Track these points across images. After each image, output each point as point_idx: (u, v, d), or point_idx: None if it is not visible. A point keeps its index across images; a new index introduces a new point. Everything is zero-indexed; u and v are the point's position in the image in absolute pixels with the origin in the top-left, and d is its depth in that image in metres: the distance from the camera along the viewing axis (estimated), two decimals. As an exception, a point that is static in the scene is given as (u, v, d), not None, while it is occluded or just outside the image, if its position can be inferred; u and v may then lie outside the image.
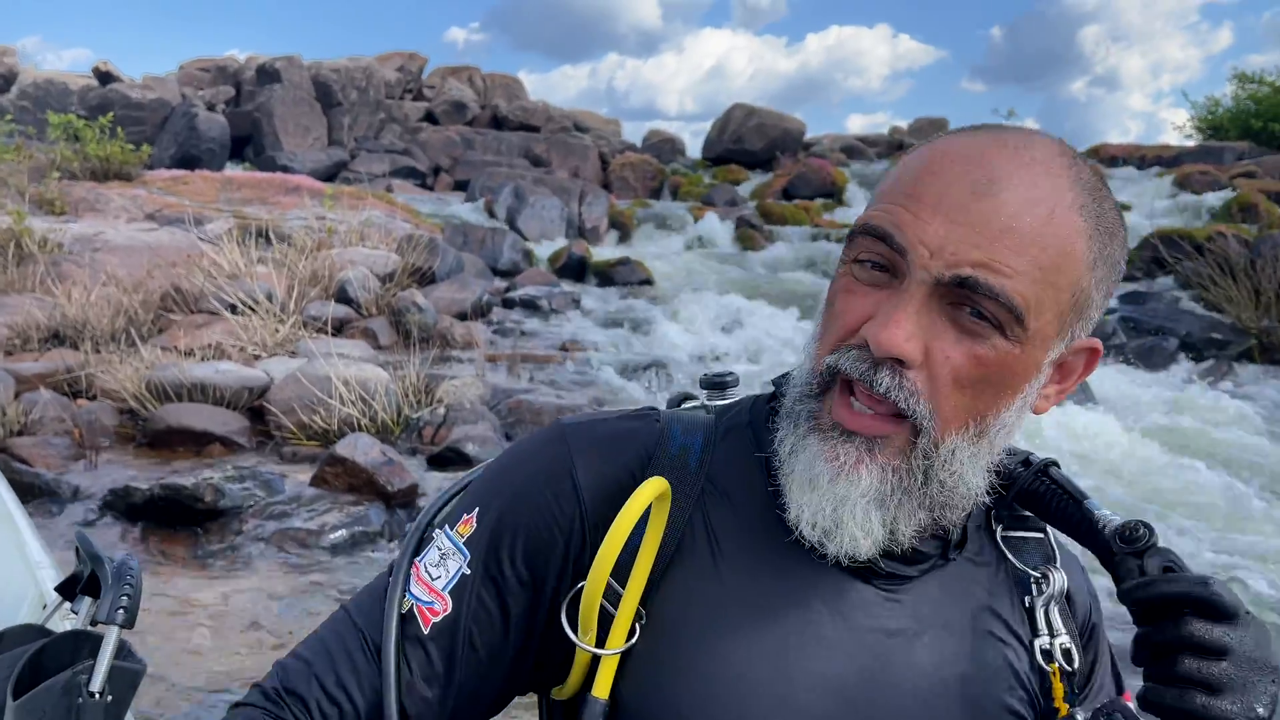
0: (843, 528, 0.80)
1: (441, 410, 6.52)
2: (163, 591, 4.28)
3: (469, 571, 0.86)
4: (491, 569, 0.86)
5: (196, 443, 6.15)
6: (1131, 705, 0.82)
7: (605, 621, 0.82)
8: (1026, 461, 0.93)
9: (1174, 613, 0.77)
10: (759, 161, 20.40)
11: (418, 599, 0.87)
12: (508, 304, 10.60)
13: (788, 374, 0.89)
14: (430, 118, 23.14)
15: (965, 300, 0.76)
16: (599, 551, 0.79)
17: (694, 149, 23.12)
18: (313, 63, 22.07)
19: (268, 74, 21.16)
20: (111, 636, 0.82)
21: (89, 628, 0.85)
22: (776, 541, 0.85)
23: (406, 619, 0.87)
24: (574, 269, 13.04)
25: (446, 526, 0.90)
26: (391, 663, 0.84)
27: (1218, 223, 12.98)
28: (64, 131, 13.18)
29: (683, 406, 0.99)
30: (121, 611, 0.84)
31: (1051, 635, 0.89)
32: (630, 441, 0.89)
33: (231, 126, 19.69)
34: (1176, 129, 22.61)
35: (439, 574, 0.87)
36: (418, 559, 0.89)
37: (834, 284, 0.83)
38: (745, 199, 17.76)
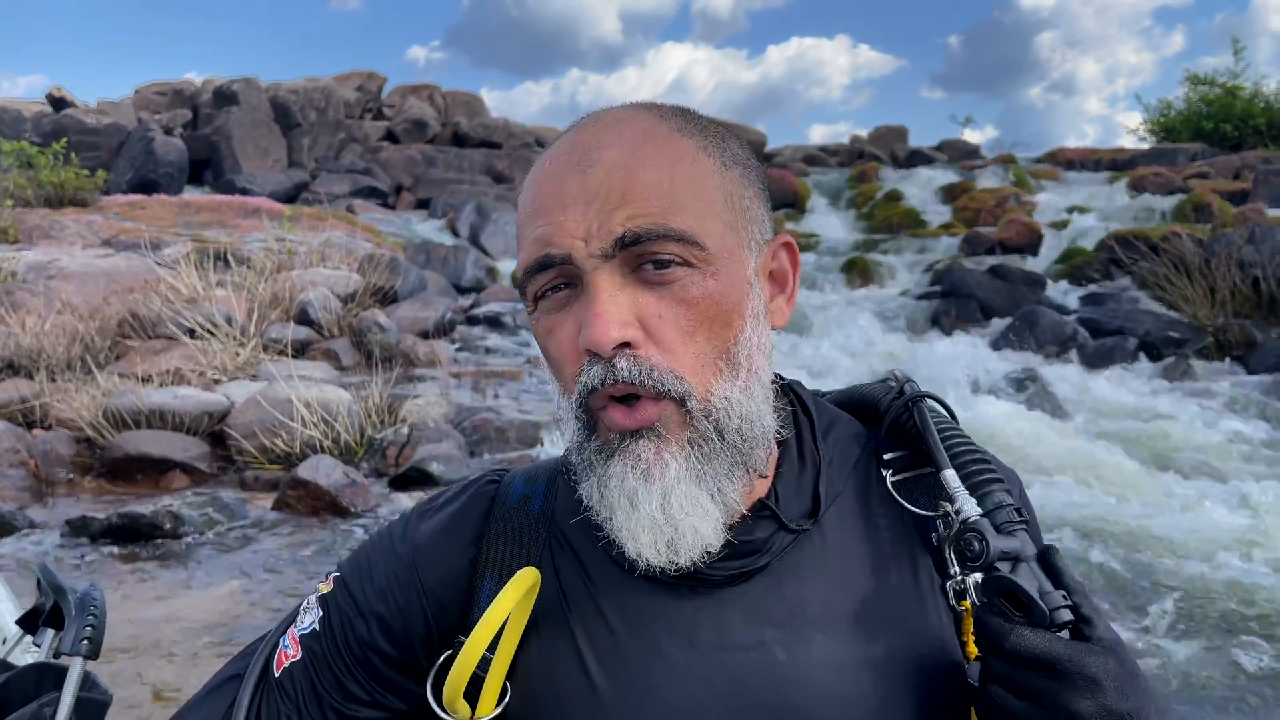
0: (680, 526, 0.77)
1: (405, 430, 6.46)
2: (126, 621, 4.20)
3: (318, 627, 0.89)
4: (335, 628, 0.89)
5: (156, 470, 6.06)
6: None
7: (479, 684, 0.83)
8: (901, 392, 0.91)
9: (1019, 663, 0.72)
10: (721, 173, 20.52)
11: (284, 646, 0.91)
12: (472, 321, 10.55)
13: None
14: (391, 137, 23.04)
15: (641, 258, 0.76)
16: (465, 646, 0.78)
17: (657, 162, 23.23)
18: (270, 84, 21.92)
19: (225, 96, 20.98)
20: (76, 668, 0.82)
21: (53, 660, 0.85)
22: (617, 581, 0.84)
23: (268, 664, 0.91)
24: (538, 284, 13.00)
25: (319, 585, 0.94)
26: (246, 697, 0.88)
27: (1172, 223, 13.20)
28: (17, 158, 12.98)
29: None
30: (86, 643, 0.84)
31: (964, 571, 0.79)
32: (461, 522, 0.90)
33: (189, 150, 19.49)
34: (1130, 132, 22.99)
35: (300, 624, 0.91)
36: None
37: (539, 340, 0.82)
38: (709, 211, 17.85)
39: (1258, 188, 14.55)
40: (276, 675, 0.89)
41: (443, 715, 0.82)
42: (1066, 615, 0.73)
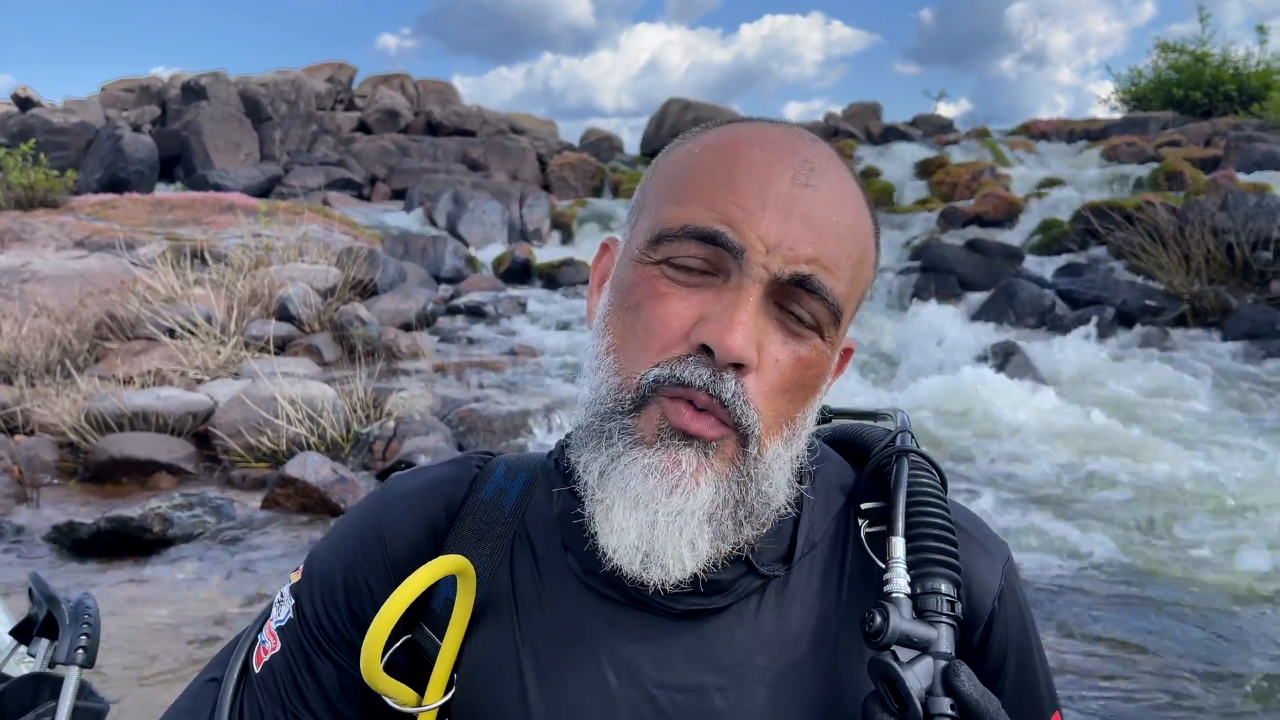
0: (674, 549, 0.73)
1: (391, 424, 6.45)
2: (119, 627, 4.19)
3: (293, 616, 0.87)
4: (308, 614, 0.87)
5: (141, 472, 6.03)
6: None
7: (428, 670, 0.83)
8: (893, 440, 0.86)
9: None
10: (697, 155, 20.46)
11: (261, 641, 0.89)
12: (453, 312, 10.52)
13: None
14: (363, 127, 22.86)
15: (794, 299, 0.74)
16: (375, 618, 0.74)
17: (632, 145, 23.14)
18: (239, 78, 21.67)
19: (193, 91, 20.74)
20: (72, 677, 0.83)
21: (48, 670, 0.85)
22: (570, 594, 0.81)
23: (248, 662, 0.89)
24: (518, 272, 12.98)
25: (290, 574, 0.92)
26: (228, 698, 0.86)
27: (1146, 192, 13.30)
28: (-16, 161, 12.81)
29: None
30: (81, 652, 0.84)
31: (865, 643, 0.75)
32: (437, 491, 0.88)
33: (159, 147, 19.27)
34: (1102, 102, 23.10)
35: (276, 616, 0.89)
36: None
37: (634, 289, 0.75)
38: (686, 193, 17.81)
39: (1228, 154, 14.67)
40: (257, 671, 0.86)
41: (384, 697, 0.80)
42: None
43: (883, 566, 0.78)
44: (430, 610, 0.83)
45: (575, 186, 19.16)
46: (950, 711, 0.69)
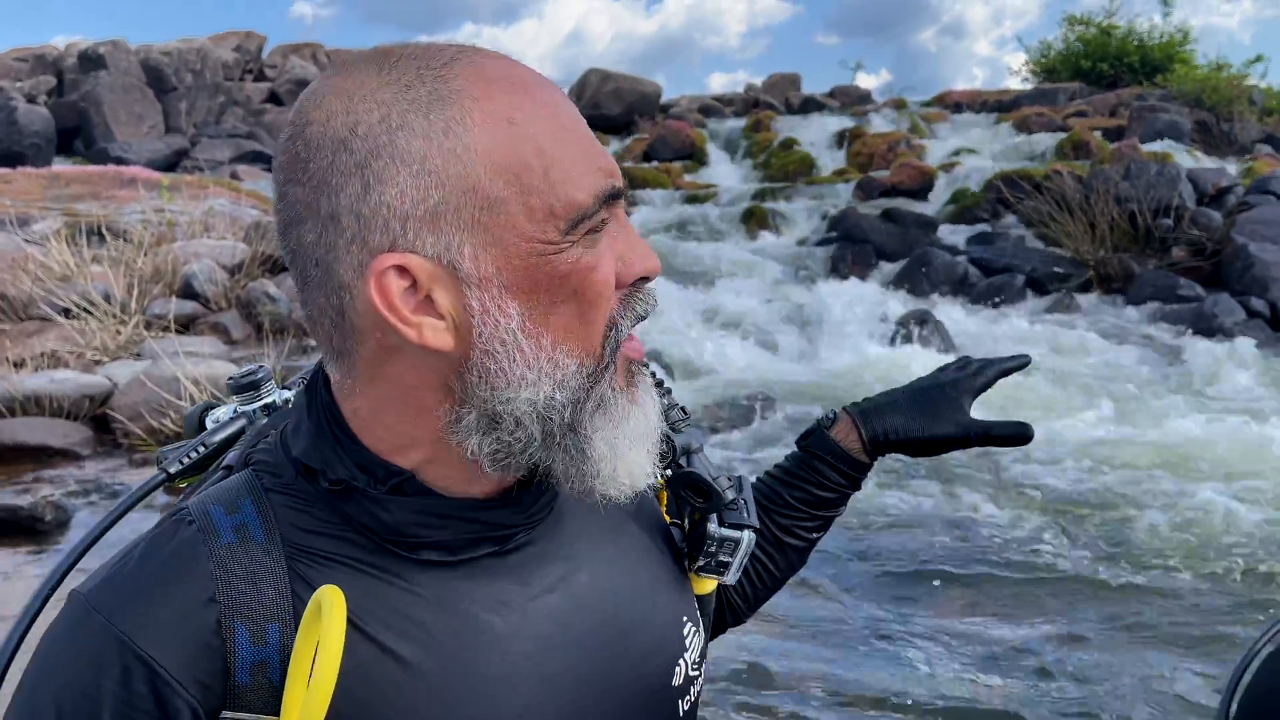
0: (648, 464, 0.79)
1: (301, 403, 6.29)
2: (6, 619, 4.01)
3: None
4: None
5: (34, 459, 5.78)
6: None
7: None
8: None
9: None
10: (618, 126, 20.31)
11: None
12: (368, 287, 10.30)
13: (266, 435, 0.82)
14: (274, 98, 22.17)
15: None
16: (308, 696, 0.68)
17: (552, 117, 22.89)
18: (141, 46, 20.83)
19: (91, 60, 19.87)
20: None
21: None
22: (403, 575, 0.76)
23: None
24: (436, 246, 12.76)
25: None
26: None
27: (1054, 162, 13.61)
28: None
29: (212, 418, 0.92)
30: None
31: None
32: (184, 586, 0.72)
33: (56, 118, 18.46)
34: (1014, 74, 23.59)
35: None
36: None
37: (566, 278, 0.72)
38: (606, 164, 17.69)
39: (1132, 124, 15.09)
40: None
41: None
42: (731, 494, 0.91)
43: None
44: (234, 687, 0.71)
45: (494, 159, 18.87)
46: (729, 481, 0.92)
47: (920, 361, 7.84)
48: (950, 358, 7.85)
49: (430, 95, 0.71)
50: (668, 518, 0.95)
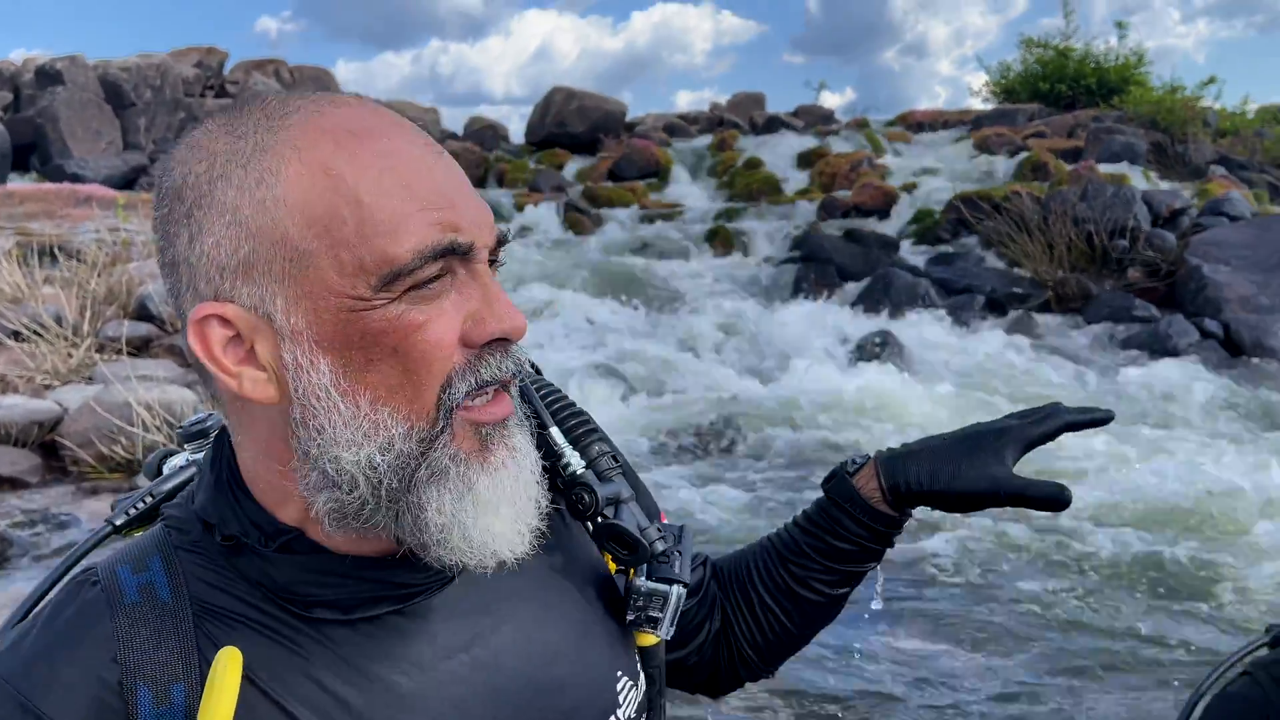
0: (524, 527, 0.76)
1: (256, 428, 6.20)
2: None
3: None
4: None
5: (-21, 487, 5.64)
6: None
7: None
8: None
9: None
10: (583, 144, 20.32)
11: None
12: (329, 307, 10.19)
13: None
14: (237, 115, 21.98)
15: (494, 255, 0.76)
16: None
17: (519, 134, 22.86)
18: (99, 62, 20.58)
19: (48, 76, 19.59)
20: None
21: None
22: (312, 636, 0.75)
23: None
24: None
25: None
26: None
27: (1013, 182, 13.78)
28: None
29: (170, 465, 0.92)
30: None
31: (577, 518, 0.92)
32: (85, 647, 0.72)
33: (12, 135, 18.16)
34: (975, 94, 23.89)
35: None
36: None
37: (384, 335, 0.70)
38: (571, 182, 17.68)
39: (1089, 145, 15.33)
40: None
41: None
42: (661, 546, 0.90)
43: (557, 454, 0.88)
44: None
45: (459, 176, 18.78)
46: (659, 533, 0.91)
47: (881, 382, 7.88)
48: (908, 377, 7.84)
49: (254, 147, 0.70)
50: (614, 567, 0.93)
